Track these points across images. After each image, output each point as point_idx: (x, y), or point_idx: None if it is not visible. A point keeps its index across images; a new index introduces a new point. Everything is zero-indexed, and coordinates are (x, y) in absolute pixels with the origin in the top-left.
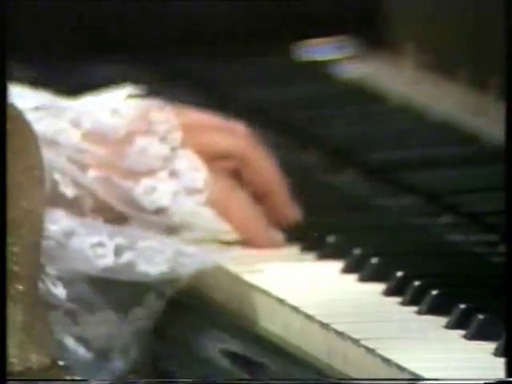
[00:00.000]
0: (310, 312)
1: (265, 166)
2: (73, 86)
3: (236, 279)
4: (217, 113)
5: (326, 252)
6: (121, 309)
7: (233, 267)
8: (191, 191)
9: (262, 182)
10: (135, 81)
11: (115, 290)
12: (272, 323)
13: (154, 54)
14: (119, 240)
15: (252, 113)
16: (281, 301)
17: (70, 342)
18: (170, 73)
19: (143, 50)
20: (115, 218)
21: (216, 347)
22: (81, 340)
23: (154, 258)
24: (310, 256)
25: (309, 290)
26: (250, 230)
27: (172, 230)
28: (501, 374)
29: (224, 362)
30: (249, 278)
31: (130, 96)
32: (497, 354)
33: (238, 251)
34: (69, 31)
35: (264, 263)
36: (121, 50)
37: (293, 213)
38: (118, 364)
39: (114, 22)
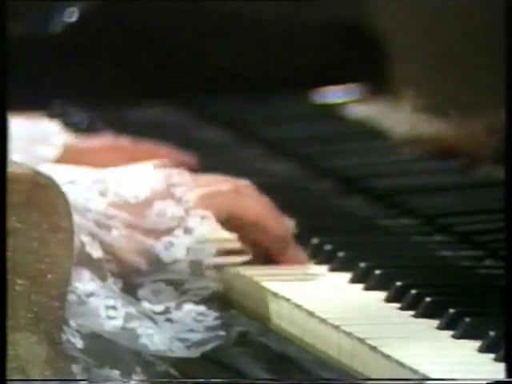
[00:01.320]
0: (323, 316)
1: (271, 225)
2: (124, 127)
3: (262, 288)
4: (245, 149)
5: (336, 265)
6: (125, 371)
7: (260, 279)
8: (202, 243)
9: (269, 239)
10: (173, 121)
11: (119, 353)
12: (291, 325)
13: (189, 97)
14: (130, 309)
15: (275, 147)
16: (299, 306)
17: None
18: (204, 113)
19: (181, 94)
20: (133, 279)
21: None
22: None
23: (153, 337)
24: (323, 269)
25: (322, 298)
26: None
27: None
28: (484, 369)
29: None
30: (272, 287)
31: (155, 167)
32: (481, 350)
33: None
34: (120, 79)
35: (285, 276)
36: (162, 95)
37: (299, 261)
38: None
39: (155, 71)
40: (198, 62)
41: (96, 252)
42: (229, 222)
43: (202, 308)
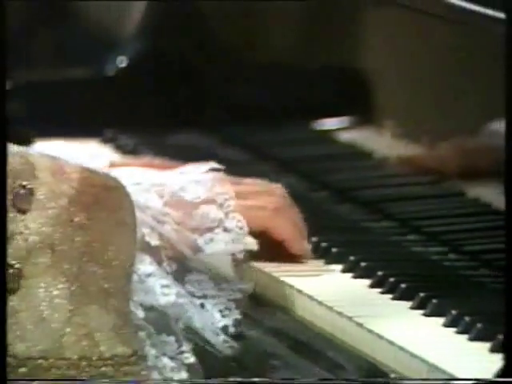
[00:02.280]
0: (320, 299)
1: (291, 219)
2: (163, 149)
3: (272, 278)
4: (259, 166)
5: (331, 259)
6: (178, 339)
7: (271, 271)
8: (239, 239)
9: (287, 229)
10: (202, 144)
11: (172, 323)
12: (293, 305)
13: (216, 125)
14: (180, 289)
15: (283, 165)
16: (300, 291)
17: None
18: (227, 138)
19: (209, 122)
20: (182, 263)
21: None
22: None
23: (194, 315)
24: (320, 262)
25: (319, 284)
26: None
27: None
28: (447, 340)
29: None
30: (283, 277)
31: (205, 171)
32: (445, 325)
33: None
34: (159, 110)
35: (290, 268)
36: (194, 123)
37: (306, 251)
38: None
39: (188, 104)
40: (222, 97)
41: (154, 241)
42: (259, 233)
43: (229, 306)
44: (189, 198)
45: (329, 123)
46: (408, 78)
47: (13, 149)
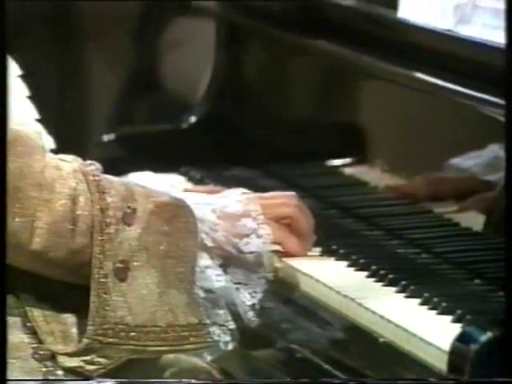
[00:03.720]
0: (331, 285)
1: (305, 222)
2: (219, 179)
3: (295, 270)
4: (285, 190)
5: (339, 257)
6: (226, 313)
7: (294, 265)
8: (266, 243)
9: (302, 230)
10: (246, 176)
11: (223, 302)
12: (312, 290)
13: (254, 162)
14: (227, 277)
15: (302, 191)
16: (317, 280)
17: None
18: (261, 171)
19: (250, 160)
20: (226, 259)
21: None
22: None
23: (236, 297)
24: (332, 258)
25: (331, 275)
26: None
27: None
28: (422, 315)
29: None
30: (305, 270)
31: (243, 193)
32: (420, 304)
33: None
34: (214, 152)
35: (311, 262)
36: (241, 161)
37: (306, 252)
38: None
39: (235, 148)
40: (262, 143)
41: (209, 243)
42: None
43: (256, 290)
44: (231, 211)
45: (336, 161)
46: (393, 130)
47: (118, 180)
